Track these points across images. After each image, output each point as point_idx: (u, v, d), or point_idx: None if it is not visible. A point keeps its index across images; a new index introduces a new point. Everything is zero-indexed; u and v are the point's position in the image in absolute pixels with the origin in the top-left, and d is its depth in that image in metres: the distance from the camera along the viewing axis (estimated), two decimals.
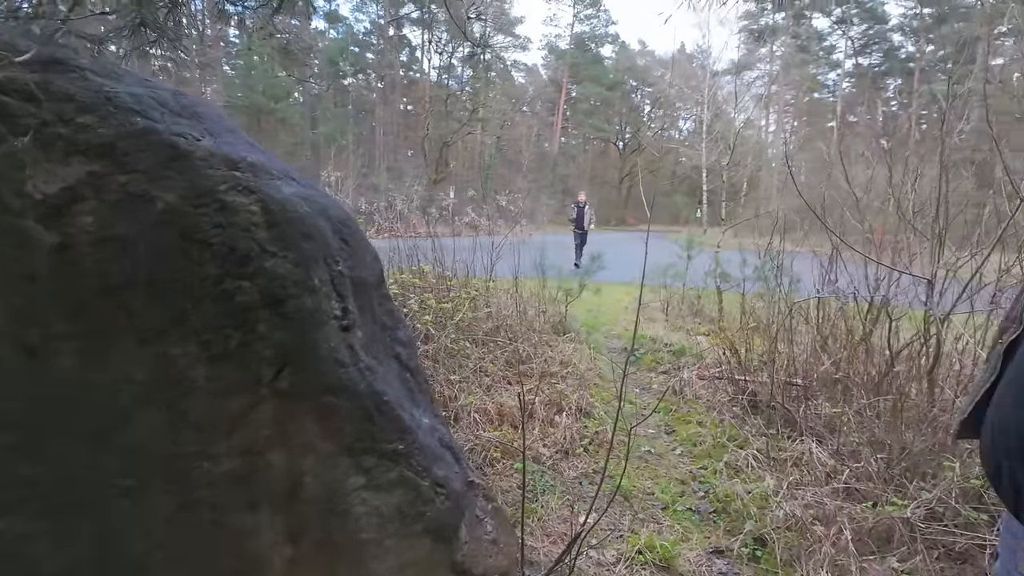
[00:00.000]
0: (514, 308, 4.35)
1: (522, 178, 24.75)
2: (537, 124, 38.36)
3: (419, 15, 32.18)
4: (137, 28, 0.87)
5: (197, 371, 0.97)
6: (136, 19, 0.85)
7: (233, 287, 0.96)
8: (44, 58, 0.89)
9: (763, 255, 3.99)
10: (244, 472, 1.05)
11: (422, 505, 1.29)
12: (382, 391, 1.19)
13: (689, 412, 3.43)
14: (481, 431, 2.71)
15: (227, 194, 0.96)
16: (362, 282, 1.24)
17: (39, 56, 0.87)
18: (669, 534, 2.17)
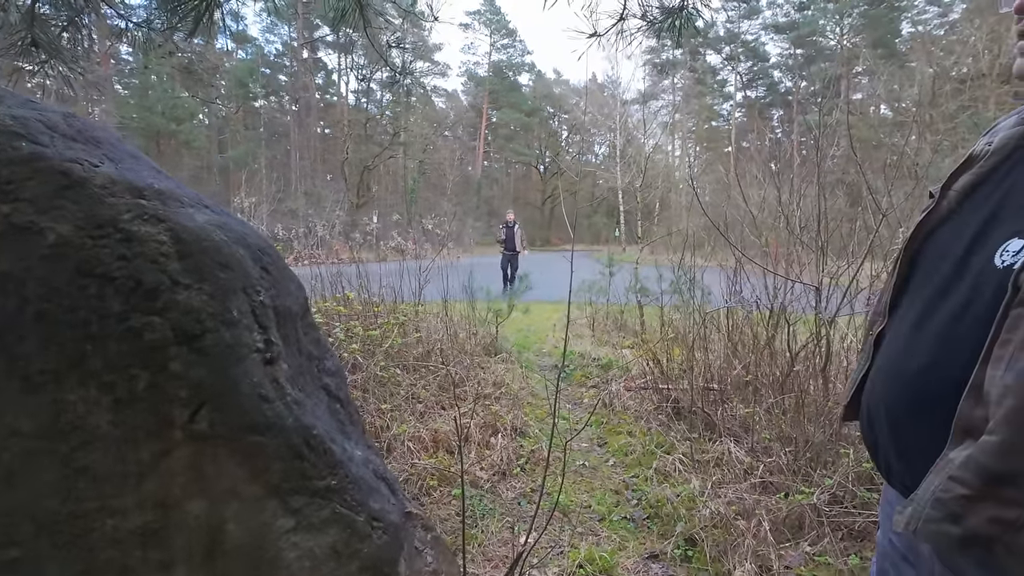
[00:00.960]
0: (445, 332, 4.31)
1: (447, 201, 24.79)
2: (460, 148, 38.82)
3: (335, 38, 31.68)
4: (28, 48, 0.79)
5: (98, 418, 0.88)
6: (27, 38, 0.78)
7: (140, 324, 0.89)
8: None
9: (676, 270, 4.28)
10: (157, 527, 0.96)
11: (358, 542, 1.23)
12: (311, 424, 1.14)
13: (619, 423, 3.55)
14: (416, 459, 2.64)
15: (132, 224, 0.89)
16: (286, 311, 1.19)
17: None
18: (607, 544, 2.22)
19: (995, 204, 0.68)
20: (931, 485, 0.63)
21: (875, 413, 0.78)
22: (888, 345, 0.79)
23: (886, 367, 0.77)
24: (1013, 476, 0.57)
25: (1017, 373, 0.55)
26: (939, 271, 0.72)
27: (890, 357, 0.77)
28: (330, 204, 17.21)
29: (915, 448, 0.70)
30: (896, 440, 0.74)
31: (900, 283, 0.81)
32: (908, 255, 0.81)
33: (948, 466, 0.62)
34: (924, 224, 0.79)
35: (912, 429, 0.71)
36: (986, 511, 0.58)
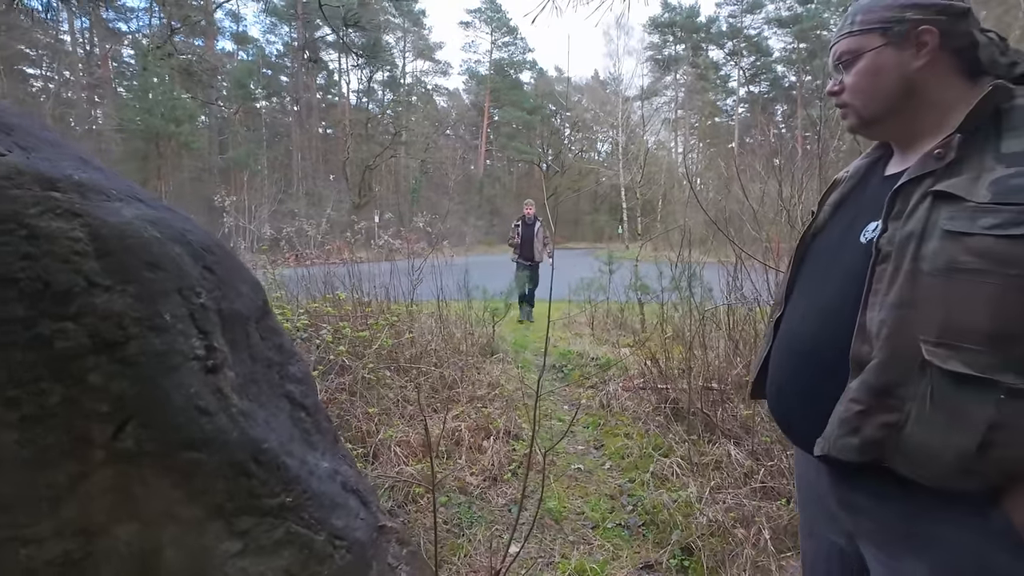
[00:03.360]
0: (439, 332, 4.22)
1: (449, 200, 24.71)
2: (461, 147, 38.73)
3: (335, 38, 31.62)
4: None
5: (3, 437, 0.79)
6: None
7: (50, 331, 0.79)
8: None
9: (675, 267, 4.17)
10: (80, 555, 0.86)
11: (316, 564, 1.13)
12: (260, 438, 1.04)
13: (617, 425, 3.45)
14: (403, 466, 2.54)
15: (39, 219, 0.79)
16: (235, 315, 1.09)
17: None
18: (600, 554, 2.12)
19: (856, 209, 0.93)
20: (837, 414, 0.79)
21: (779, 384, 0.96)
22: (785, 326, 0.98)
23: (785, 344, 0.96)
24: (892, 387, 0.74)
25: (887, 309, 0.75)
26: (820, 263, 0.95)
27: (787, 335, 0.96)
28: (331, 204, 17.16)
29: (814, 403, 0.84)
30: (799, 401, 0.90)
31: (792, 278, 1.01)
32: (798, 256, 1.02)
33: (847, 394, 0.78)
34: (808, 232, 1.02)
35: (810, 387, 0.87)
36: (876, 419, 0.75)
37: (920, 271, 0.73)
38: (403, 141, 32.00)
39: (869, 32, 0.86)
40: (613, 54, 33.32)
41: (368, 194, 28.64)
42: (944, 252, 0.72)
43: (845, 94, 0.91)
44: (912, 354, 0.72)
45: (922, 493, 0.74)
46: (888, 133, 0.93)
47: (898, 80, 0.85)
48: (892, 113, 0.87)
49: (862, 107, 0.90)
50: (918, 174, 0.79)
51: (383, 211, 19.82)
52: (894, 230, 0.78)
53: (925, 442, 0.71)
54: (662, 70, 38.90)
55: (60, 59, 24.53)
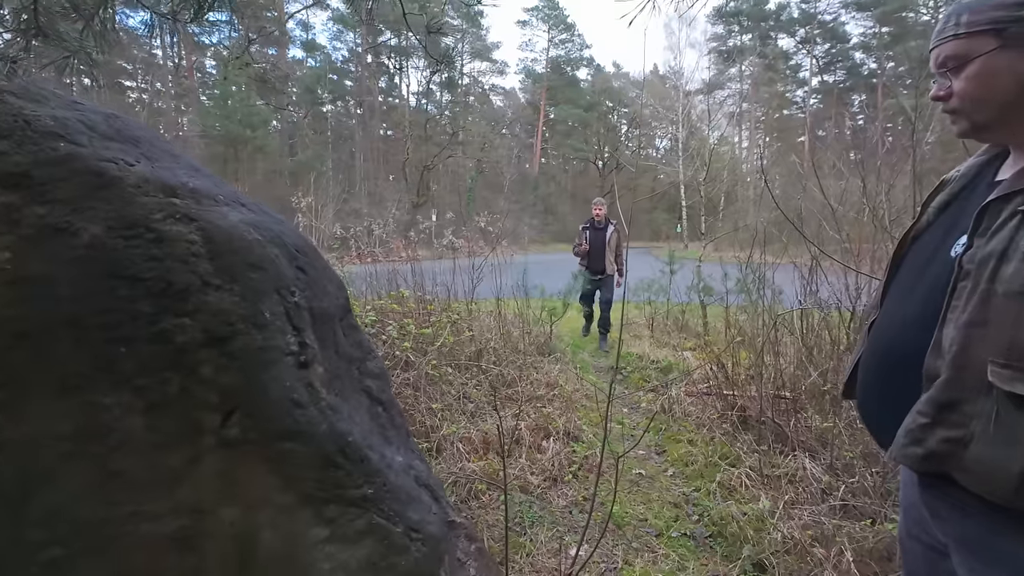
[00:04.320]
0: (497, 330, 4.26)
1: (504, 199, 24.89)
2: (517, 146, 38.86)
3: (396, 42, 32.64)
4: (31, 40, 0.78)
5: (132, 421, 0.87)
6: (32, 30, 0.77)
7: (171, 326, 0.87)
8: None
9: (744, 267, 3.99)
10: (190, 533, 0.94)
11: (395, 555, 1.17)
12: (346, 431, 1.09)
13: (679, 431, 3.35)
14: (465, 462, 2.59)
15: (163, 223, 0.87)
16: (323, 313, 1.15)
17: None
18: (664, 564, 2.07)
19: (958, 215, 0.90)
20: (904, 423, 0.83)
21: (865, 388, 0.98)
22: (876, 330, 0.98)
23: (873, 348, 0.97)
24: (957, 403, 0.76)
25: (958, 327, 0.76)
26: (913, 270, 0.95)
27: (876, 339, 0.97)
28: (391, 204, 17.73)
29: (895, 409, 0.86)
30: (882, 406, 0.93)
31: (888, 281, 1.01)
32: (896, 259, 1.01)
33: (916, 405, 0.81)
34: (909, 234, 1.01)
35: (892, 394, 0.88)
36: (940, 433, 0.78)
37: (995, 292, 0.73)
38: (460, 141, 32.56)
39: (979, 34, 0.81)
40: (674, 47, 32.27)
41: (426, 194, 29.37)
42: (1020, 275, 0.71)
43: (954, 100, 0.86)
44: (979, 374, 0.73)
45: (1002, 509, 0.74)
46: (1003, 138, 0.88)
47: (1015, 84, 0.80)
48: (1008, 118, 0.83)
49: (974, 113, 0.85)
50: (1010, 190, 0.77)
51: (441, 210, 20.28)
52: (977, 248, 0.78)
53: (989, 460, 0.73)
54: (726, 62, 37.28)
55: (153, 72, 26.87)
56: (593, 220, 5.82)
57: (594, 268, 5.70)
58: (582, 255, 5.77)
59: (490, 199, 27.98)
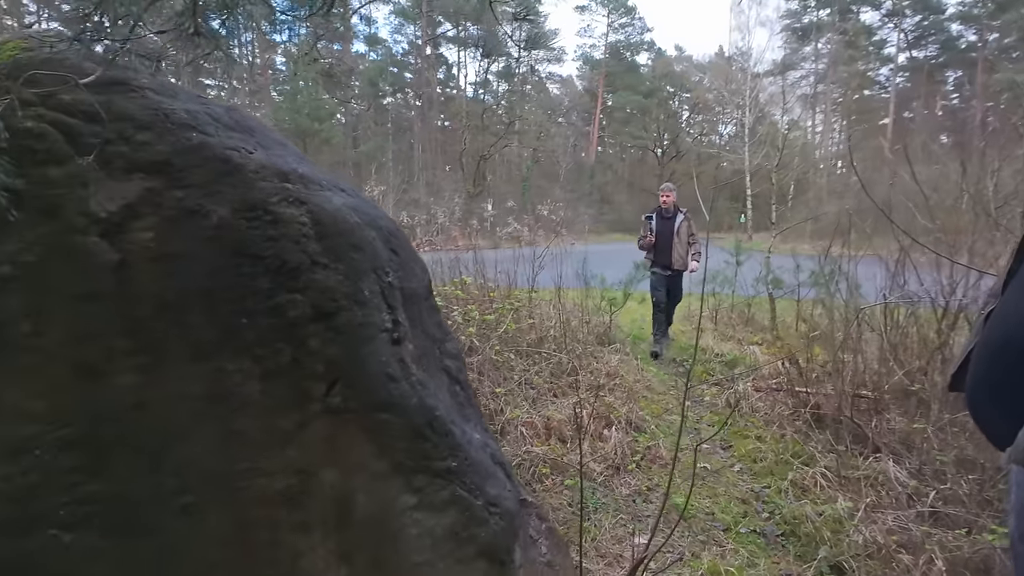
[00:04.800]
0: (557, 319, 4.27)
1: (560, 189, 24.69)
2: (573, 135, 38.35)
3: (455, 33, 32.92)
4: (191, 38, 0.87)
5: (251, 387, 0.96)
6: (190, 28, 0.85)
7: (284, 301, 0.95)
8: (107, 79, 0.91)
9: (823, 259, 3.77)
10: (298, 491, 1.03)
11: (475, 526, 1.23)
12: (433, 406, 1.15)
13: (746, 426, 3.24)
14: (529, 446, 2.63)
15: (278, 206, 0.95)
16: (412, 293, 1.21)
17: (102, 78, 0.89)
18: (733, 558, 2.02)
19: None
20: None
21: (975, 380, 0.92)
22: (993, 320, 0.91)
23: (991, 338, 0.90)
24: None
25: None
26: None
27: (995, 329, 0.90)
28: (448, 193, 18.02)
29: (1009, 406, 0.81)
30: (994, 402, 0.87)
31: (1014, 269, 0.92)
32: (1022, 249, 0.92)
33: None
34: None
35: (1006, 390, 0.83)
36: None
37: None
38: (516, 131, 32.53)
39: None
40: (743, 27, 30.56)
41: (482, 183, 29.65)
42: None
43: None
44: None
45: None
46: None
47: None
48: None
49: None
50: None
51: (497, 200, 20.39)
52: None
53: None
54: (801, 40, 34.87)
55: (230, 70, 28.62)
56: (660, 208, 5.08)
57: (662, 262, 4.98)
58: (647, 248, 5.05)
59: (546, 188, 27.83)
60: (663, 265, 4.96)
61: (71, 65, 0.90)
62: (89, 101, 0.88)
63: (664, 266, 4.96)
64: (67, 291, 0.90)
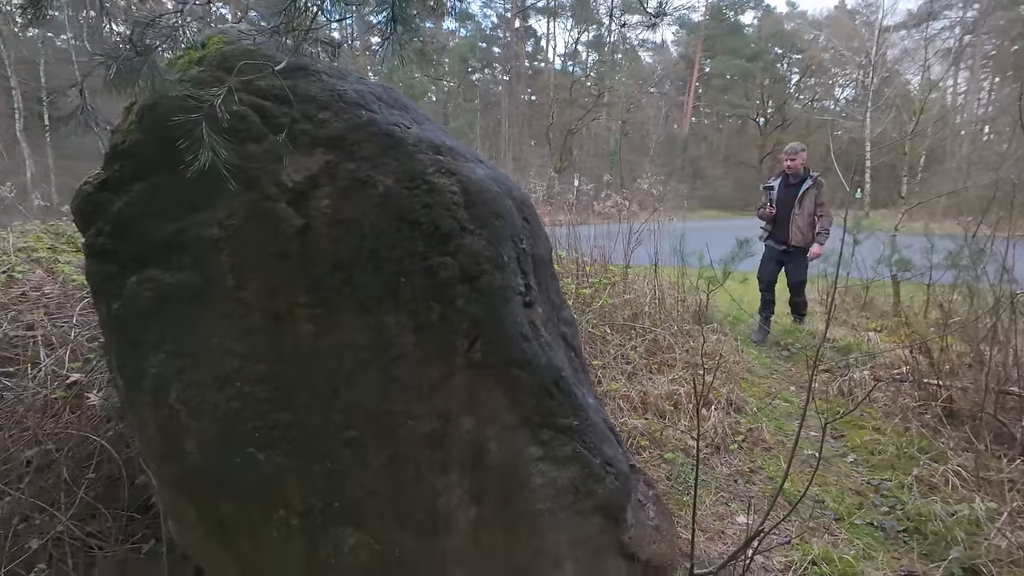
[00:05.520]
0: (652, 295, 4.19)
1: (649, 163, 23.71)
2: (666, 105, 36.41)
3: (545, 3, 32.25)
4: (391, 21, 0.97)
5: (406, 339, 1.08)
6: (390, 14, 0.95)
7: (437, 263, 1.05)
8: (291, 66, 1.04)
9: (968, 239, 3.34)
10: (440, 434, 1.15)
11: (593, 483, 1.29)
12: (560, 366, 1.22)
13: (862, 417, 3.02)
14: (626, 418, 2.66)
15: (433, 176, 1.04)
16: (540, 260, 1.27)
17: (289, 64, 1.02)
18: (847, 548, 1.94)
19: None
20: None
21: None
22: None
23: None
24: None
25: None
26: None
27: None
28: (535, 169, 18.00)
29: None
30: None
31: None
32: None
33: None
34: None
35: None
36: None
37: None
38: (605, 103, 31.51)
39: None
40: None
41: (568, 158, 29.24)
42: None
43: None
44: None
45: None
46: None
47: None
48: None
49: None
50: None
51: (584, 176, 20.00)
52: None
53: None
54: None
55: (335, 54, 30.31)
56: (785, 175, 4.35)
57: (778, 236, 4.36)
58: (767, 219, 4.45)
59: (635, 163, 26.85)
60: (778, 239, 4.37)
61: (264, 55, 1.05)
62: (280, 86, 1.01)
63: (779, 240, 4.37)
64: (262, 251, 1.07)
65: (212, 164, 0.90)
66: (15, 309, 1.87)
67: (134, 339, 1.15)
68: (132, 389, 1.19)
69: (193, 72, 1.05)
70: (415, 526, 1.19)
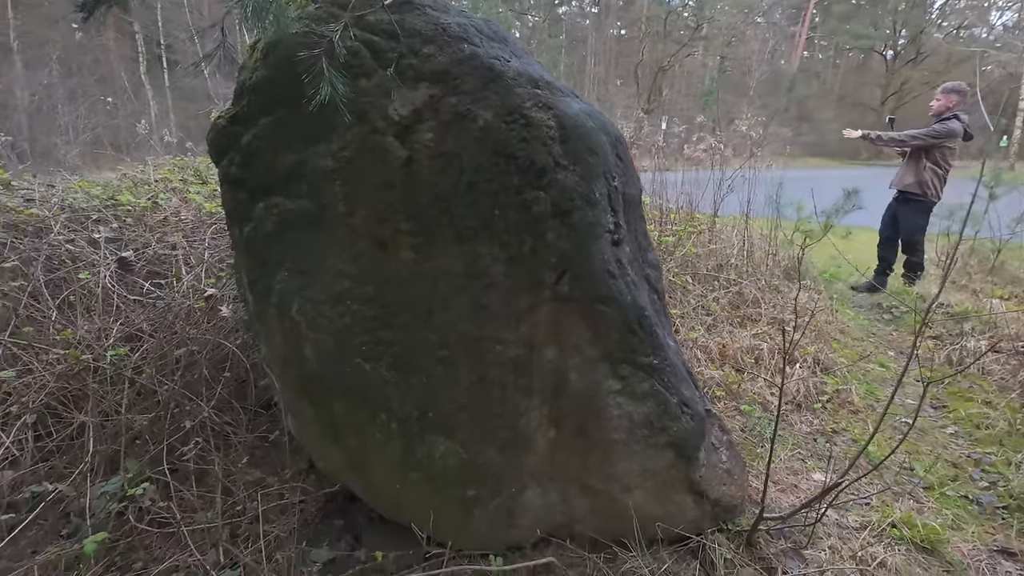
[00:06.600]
0: (741, 247, 3.98)
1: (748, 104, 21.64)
2: (773, 38, 32.57)
3: None
4: None
5: (497, 269, 1.14)
6: None
7: (531, 197, 1.08)
8: (399, 0, 1.07)
9: None
10: (525, 361, 1.23)
11: (669, 420, 1.33)
12: (643, 305, 1.24)
13: (971, 388, 2.77)
14: (702, 368, 2.64)
15: (531, 110, 1.05)
16: (630, 199, 1.27)
17: None
18: (932, 517, 1.86)
19: None
20: None
21: None
22: None
23: None
24: None
25: None
26: None
27: None
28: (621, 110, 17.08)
29: None
30: None
31: None
32: None
33: None
34: None
35: None
36: None
37: None
38: (703, 36, 28.75)
39: None
40: None
41: (657, 99, 27.37)
42: None
43: None
44: None
45: None
46: None
47: None
48: None
49: None
50: None
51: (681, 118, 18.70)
52: None
53: None
54: None
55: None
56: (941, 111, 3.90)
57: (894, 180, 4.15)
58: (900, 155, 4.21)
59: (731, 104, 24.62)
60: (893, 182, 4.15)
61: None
62: (388, 20, 1.06)
63: (893, 183, 4.17)
64: (370, 181, 1.15)
65: (331, 98, 0.98)
66: (160, 231, 2.17)
67: (262, 258, 1.31)
68: (261, 302, 1.37)
69: (310, 9, 1.12)
70: (498, 441, 1.30)
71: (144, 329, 1.89)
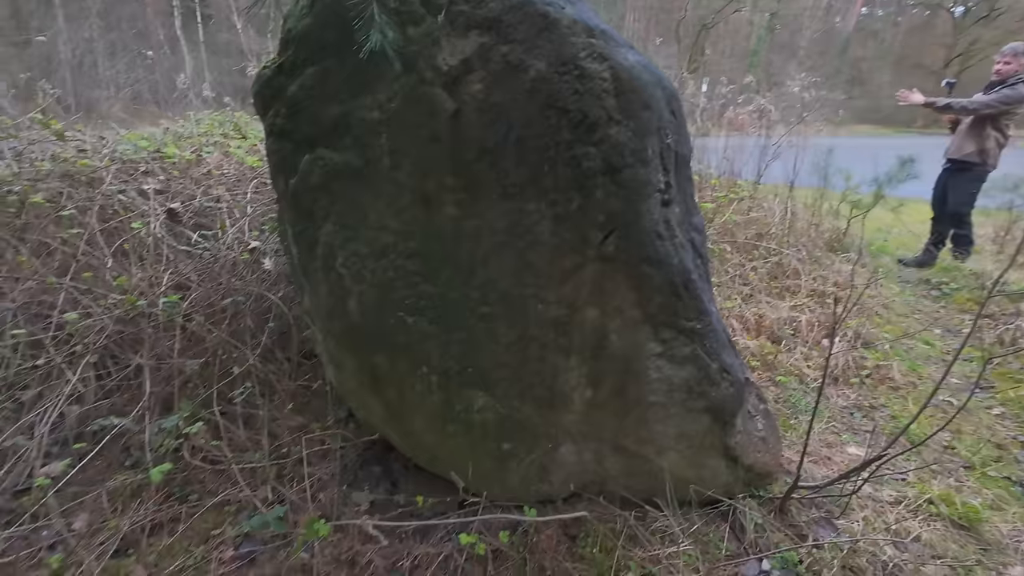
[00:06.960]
0: (783, 216, 3.84)
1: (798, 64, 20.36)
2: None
3: None
4: None
5: (543, 227, 1.12)
6: None
7: (581, 153, 1.05)
8: None
9: None
10: (566, 320, 1.22)
11: (708, 385, 1.32)
12: (690, 269, 1.21)
13: (1021, 370, 2.66)
14: (738, 338, 2.60)
15: (585, 61, 1.01)
16: (682, 158, 1.22)
17: None
18: (971, 496, 1.82)
19: None
20: None
21: None
22: None
23: None
24: None
25: None
26: None
27: None
28: None
29: None
30: None
31: None
32: None
33: None
34: None
35: None
36: None
37: None
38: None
39: None
40: None
41: (698, 59, 26.03)
42: None
43: None
44: None
45: None
46: None
47: None
48: None
49: None
50: None
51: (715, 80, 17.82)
52: None
53: None
54: None
55: None
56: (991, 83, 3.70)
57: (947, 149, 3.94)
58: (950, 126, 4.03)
59: (778, 66, 23.23)
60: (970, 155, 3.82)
61: None
62: None
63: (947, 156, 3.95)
64: (416, 134, 1.14)
65: (380, 46, 0.96)
66: (205, 184, 2.21)
67: (307, 210, 1.32)
68: (306, 255, 1.40)
69: None
70: (535, 399, 1.32)
71: (192, 279, 1.96)
